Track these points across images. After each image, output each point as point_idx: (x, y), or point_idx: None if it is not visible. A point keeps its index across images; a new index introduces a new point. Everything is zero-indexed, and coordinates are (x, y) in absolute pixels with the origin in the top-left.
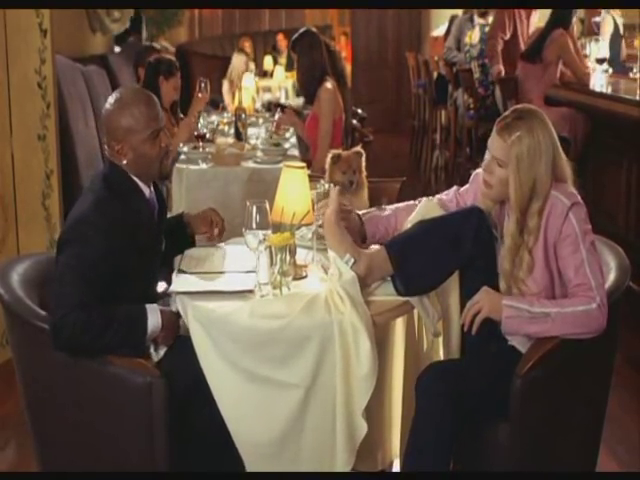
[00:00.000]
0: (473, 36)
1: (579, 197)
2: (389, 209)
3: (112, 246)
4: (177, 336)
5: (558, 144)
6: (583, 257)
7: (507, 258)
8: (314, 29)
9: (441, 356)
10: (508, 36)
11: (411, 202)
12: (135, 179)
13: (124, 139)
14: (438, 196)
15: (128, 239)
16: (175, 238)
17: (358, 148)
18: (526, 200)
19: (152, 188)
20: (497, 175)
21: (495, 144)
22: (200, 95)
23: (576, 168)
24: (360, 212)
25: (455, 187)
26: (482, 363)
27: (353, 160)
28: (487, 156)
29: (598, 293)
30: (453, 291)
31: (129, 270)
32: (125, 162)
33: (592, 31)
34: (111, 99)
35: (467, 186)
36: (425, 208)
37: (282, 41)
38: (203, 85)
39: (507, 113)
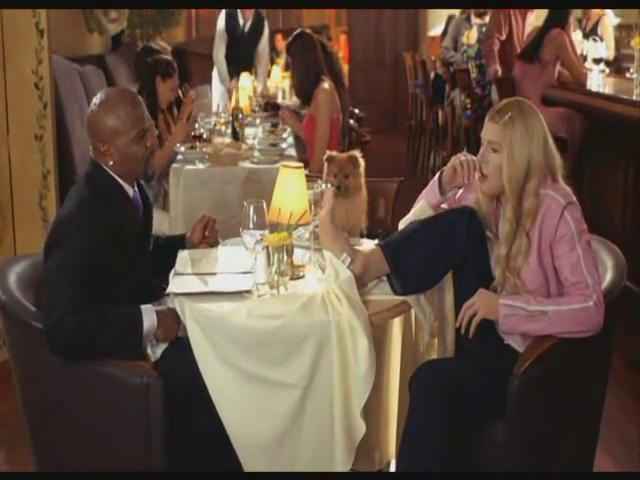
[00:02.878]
0: (471, 36)
1: (574, 197)
2: None
3: (96, 245)
4: (176, 337)
5: (548, 133)
6: (579, 255)
7: (504, 245)
8: (308, 30)
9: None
10: (504, 36)
11: None
12: (118, 179)
13: (110, 140)
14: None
15: (112, 238)
16: (172, 256)
17: (354, 152)
18: (521, 181)
19: (136, 188)
20: (492, 163)
21: (488, 129)
22: (186, 99)
23: (573, 168)
24: None
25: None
26: (477, 362)
27: (345, 164)
28: (482, 148)
29: (595, 291)
30: (448, 291)
31: (116, 270)
32: (111, 163)
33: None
34: (96, 100)
35: (461, 190)
36: (420, 210)
37: (280, 42)
38: (186, 90)
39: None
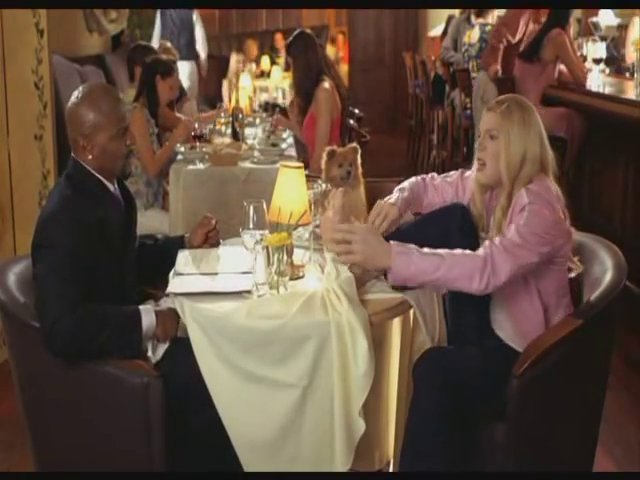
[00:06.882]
0: (472, 35)
1: (550, 201)
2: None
3: (81, 242)
4: (176, 336)
5: (544, 129)
6: (512, 231)
7: (496, 231)
8: (309, 30)
9: None
10: (516, 39)
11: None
12: (98, 176)
13: (91, 134)
14: (442, 176)
15: (96, 234)
16: (171, 258)
17: (354, 144)
18: (517, 167)
19: (116, 185)
20: (490, 149)
21: (486, 119)
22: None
23: (573, 168)
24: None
25: (460, 170)
26: (478, 356)
27: (349, 154)
28: (480, 138)
29: (496, 250)
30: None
31: (101, 268)
32: (90, 157)
33: (589, 31)
34: (78, 93)
35: (469, 173)
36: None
37: (280, 41)
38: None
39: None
